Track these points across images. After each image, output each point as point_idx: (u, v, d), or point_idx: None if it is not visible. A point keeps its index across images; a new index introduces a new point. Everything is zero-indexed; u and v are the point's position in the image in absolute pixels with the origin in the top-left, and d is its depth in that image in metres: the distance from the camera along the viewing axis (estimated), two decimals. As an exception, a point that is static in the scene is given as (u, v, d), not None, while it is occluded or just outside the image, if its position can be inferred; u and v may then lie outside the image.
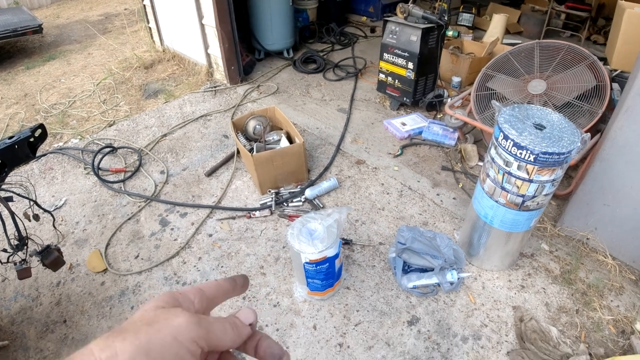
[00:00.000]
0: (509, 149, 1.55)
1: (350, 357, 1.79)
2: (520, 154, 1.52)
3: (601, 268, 2.06)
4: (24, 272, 1.74)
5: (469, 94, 2.84)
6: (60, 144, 3.31)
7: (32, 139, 1.70)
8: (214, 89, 3.90)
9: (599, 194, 2.00)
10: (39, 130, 1.74)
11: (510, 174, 1.61)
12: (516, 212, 1.73)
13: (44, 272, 2.24)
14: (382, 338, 1.85)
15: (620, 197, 1.93)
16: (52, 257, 1.81)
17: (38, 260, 1.81)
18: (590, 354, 1.70)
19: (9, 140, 1.64)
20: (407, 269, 2.06)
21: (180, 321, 0.34)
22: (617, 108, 1.90)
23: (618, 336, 1.80)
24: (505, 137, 1.56)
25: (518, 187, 1.63)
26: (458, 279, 1.99)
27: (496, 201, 1.76)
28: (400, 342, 1.83)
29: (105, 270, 2.25)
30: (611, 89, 2.33)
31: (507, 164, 1.60)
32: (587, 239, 2.13)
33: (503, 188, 1.69)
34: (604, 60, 3.50)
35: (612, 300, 1.93)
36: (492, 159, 1.69)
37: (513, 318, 1.89)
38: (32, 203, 1.90)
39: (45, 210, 2.01)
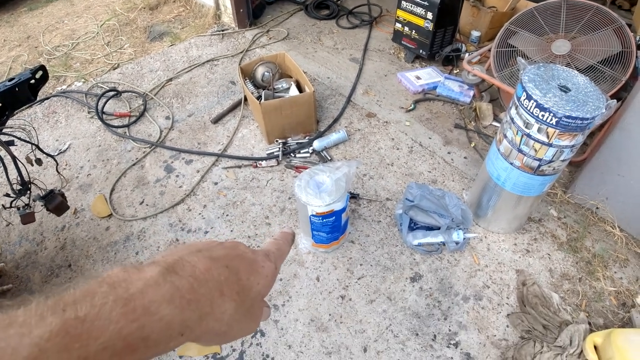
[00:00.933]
0: (531, 110, 1.48)
1: (352, 310, 1.82)
2: (543, 116, 1.45)
3: (608, 239, 2.04)
4: (27, 217, 1.74)
5: (489, 50, 2.71)
6: (64, 86, 3.23)
7: (32, 81, 1.63)
8: (221, 32, 3.75)
9: (614, 164, 1.94)
10: (40, 72, 1.67)
11: (529, 136, 1.55)
12: (530, 175, 1.68)
13: (49, 217, 2.24)
14: (384, 293, 1.87)
15: (636, 169, 1.87)
16: (55, 202, 1.79)
17: (42, 205, 1.80)
18: (589, 323, 1.71)
19: (9, 83, 1.58)
20: (413, 226, 2.04)
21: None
22: None
23: (619, 308, 1.80)
24: (528, 97, 1.48)
25: (536, 150, 1.57)
26: (464, 239, 1.98)
27: (511, 163, 1.71)
28: (401, 298, 1.85)
29: (110, 216, 2.25)
30: (636, 57, 2.21)
31: (527, 125, 1.53)
32: (597, 208, 2.09)
33: (520, 150, 1.63)
34: (630, 27, 3.31)
35: (615, 272, 1.93)
36: (512, 119, 1.62)
37: (516, 281, 1.89)
38: (34, 147, 1.86)
39: (48, 155, 1.98)
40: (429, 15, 2.93)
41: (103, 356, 0.26)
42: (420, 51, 3.16)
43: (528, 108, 1.50)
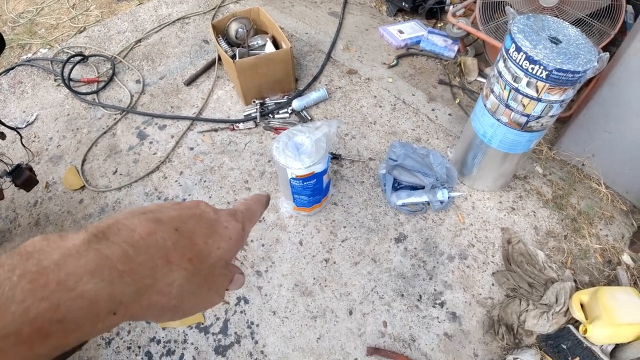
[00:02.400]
0: (520, 63, 1.41)
1: (336, 273, 1.79)
2: (532, 69, 1.38)
3: (593, 196, 2.03)
4: None
5: (474, 2, 2.59)
6: (29, 55, 3.01)
7: None
8: (192, -14, 3.51)
9: (601, 120, 1.89)
10: None
11: (517, 90, 1.48)
12: (517, 132, 1.62)
13: (20, 193, 2.12)
14: (368, 254, 1.84)
15: (624, 126, 1.83)
16: (24, 177, 1.69)
17: (10, 181, 1.70)
18: (575, 281, 1.71)
19: None
20: (397, 186, 1.99)
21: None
22: (633, 32, 1.73)
23: (604, 265, 1.80)
24: (518, 49, 1.40)
25: (524, 105, 1.50)
26: (448, 198, 1.94)
27: (498, 119, 1.65)
28: (386, 259, 1.82)
29: (82, 188, 2.14)
30: (625, 11, 2.13)
31: (516, 79, 1.46)
32: (583, 165, 2.07)
33: (507, 106, 1.56)
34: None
35: (601, 229, 1.92)
36: (500, 73, 1.54)
37: (501, 240, 1.87)
38: None
39: (10, 128, 1.85)
40: (412, -36, 2.78)
41: (4, 345, 0.22)
42: (403, 4, 3.01)
43: (517, 61, 1.43)
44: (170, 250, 0.29)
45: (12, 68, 2.87)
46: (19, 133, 1.92)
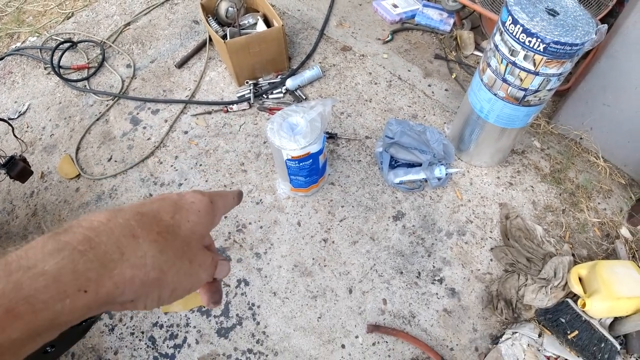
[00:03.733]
0: (517, 36, 1.37)
1: (335, 252, 1.79)
2: (529, 42, 1.35)
3: (592, 169, 2.02)
4: None
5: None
6: (18, 44, 2.94)
7: None
8: (180, -36, 3.42)
9: (600, 93, 1.87)
10: None
11: (514, 64, 1.45)
12: (515, 106, 1.60)
13: (15, 184, 2.11)
14: (366, 233, 1.84)
15: (622, 98, 1.80)
16: (17, 168, 1.68)
17: (4, 173, 1.68)
18: (573, 255, 1.71)
19: None
20: (394, 163, 1.98)
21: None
22: (631, 3, 1.69)
23: (602, 239, 1.81)
24: (514, 22, 1.37)
25: (521, 79, 1.48)
26: (446, 174, 1.93)
27: (495, 94, 1.62)
28: (385, 237, 1.83)
29: (78, 176, 2.13)
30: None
31: (513, 53, 1.43)
32: (581, 138, 2.05)
33: (504, 80, 1.54)
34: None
35: (599, 203, 1.92)
36: (496, 46, 1.51)
37: (499, 215, 1.87)
38: None
39: (0, 120, 1.82)
40: None
41: None
42: (396, -24, 2.94)
43: (514, 34, 1.39)
44: (135, 228, 0.30)
45: (2, 58, 2.81)
46: (10, 124, 1.89)
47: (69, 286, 0.25)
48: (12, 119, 2.43)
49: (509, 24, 1.40)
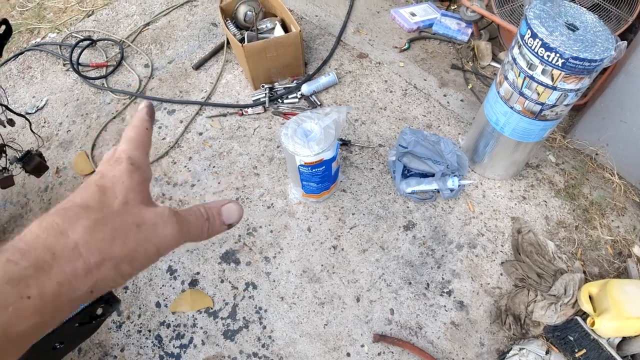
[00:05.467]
0: (536, 50, 1.37)
1: (344, 260, 1.79)
2: (548, 56, 1.34)
3: (606, 186, 1.99)
4: (6, 181, 1.66)
5: (488, -18, 2.52)
6: (38, 39, 3.00)
7: None
8: (201, -34, 3.46)
9: (617, 109, 1.85)
10: (3, 27, 1.51)
11: (532, 78, 1.45)
12: (531, 120, 1.59)
13: (30, 178, 2.14)
14: (376, 242, 1.84)
15: (639, 115, 1.78)
16: (34, 163, 1.70)
17: (20, 167, 1.71)
18: (584, 272, 1.69)
19: None
20: (406, 173, 1.98)
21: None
22: None
23: (614, 257, 1.78)
24: (533, 36, 1.36)
25: (539, 93, 1.47)
26: (459, 186, 1.92)
27: (511, 107, 1.61)
28: (395, 247, 1.82)
29: (92, 173, 2.14)
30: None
31: (531, 67, 1.42)
32: (596, 154, 2.03)
33: (521, 94, 1.53)
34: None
35: (612, 220, 1.89)
36: (514, 59, 1.50)
37: (511, 229, 1.86)
38: (4, 109, 1.73)
39: (19, 115, 1.85)
40: (425, -57, 2.70)
41: None
42: (415, -15, 2.94)
43: (532, 47, 1.39)
44: (60, 224, 0.30)
45: (21, 53, 2.86)
46: (28, 120, 1.92)
47: (8, 295, 0.25)
48: (30, 113, 2.47)
49: (528, 38, 1.39)
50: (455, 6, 2.99)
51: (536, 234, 1.80)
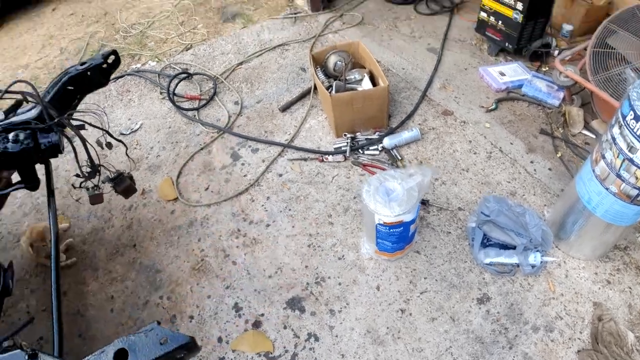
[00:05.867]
0: (638, 133, 1.29)
1: (411, 326, 1.73)
2: (654, 142, 1.26)
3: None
4: (95, 198, 1.77)
5: (583, 49, 2.43)
6: (138, 65, 3.30)
7: (104, 66, 1.65)
8: (294, 15, 3.66)
9: None
10: (112, 57, 1.68)
11: (631, 161, 1.36)
12: (626, 204, 1.49)
13: (117, 195, 2.30)
14: (447, 311, 1.76)
15: None
16: (124, 185, 1.82)
17: (110, 187, 1.84)
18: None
19: (81, 67, 1.59)
20: (486, 242, 1.90)
21: None
22: None
23: None
24: (637, 118, 1.29)
25: (637, 177, 1.38)
26: (541, 262, 1.81)
27: (606, 188, 1.52)
28: (466, 320, 1.74)
29: (175, 199, 2.28)
30: None
31: (632, 149, 1.34)
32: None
33: (619, 175, 1.44)
34: None
35: None
36: (613, 139, 1.42)
37: (591, 315, 1.71)
38: (104, 132, 1.89)
39: (117, 140, 2.01)
40: (519, 5, 2.68)
41: None
42: (507, 44, 2.91)
43: (635, 130, 1.31)
44: None
45: (122, 76, 3.16)
46: (124, 145, 2.06)
47: None
48: (124, 134, 2.68)
49: (630, 119, 1.32)
50: (547, 68, 2.91)
51: (617, 323, 1.65)
